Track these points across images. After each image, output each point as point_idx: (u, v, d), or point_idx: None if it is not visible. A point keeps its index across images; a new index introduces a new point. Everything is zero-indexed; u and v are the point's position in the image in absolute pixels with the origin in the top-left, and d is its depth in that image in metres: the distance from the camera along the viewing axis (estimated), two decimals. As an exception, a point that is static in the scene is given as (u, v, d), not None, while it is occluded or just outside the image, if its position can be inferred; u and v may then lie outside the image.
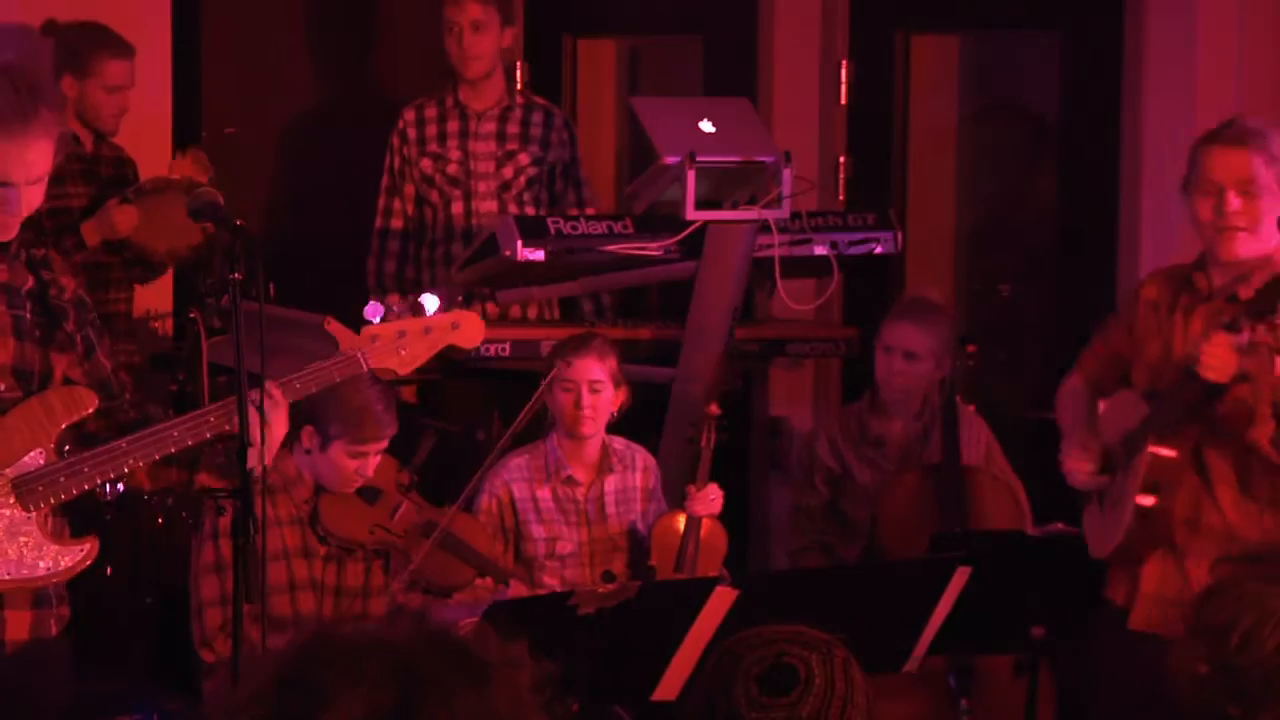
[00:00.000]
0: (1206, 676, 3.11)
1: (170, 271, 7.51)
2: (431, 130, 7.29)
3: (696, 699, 2.76)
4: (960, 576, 5.13)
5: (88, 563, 4.39)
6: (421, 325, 4.61)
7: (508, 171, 7.22)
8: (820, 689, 2.65)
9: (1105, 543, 5.11)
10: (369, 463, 5.60)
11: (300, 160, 8.27)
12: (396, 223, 7.34)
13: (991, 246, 7.70)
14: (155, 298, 7.60)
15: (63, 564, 4.35)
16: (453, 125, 7.26)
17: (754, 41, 7.75)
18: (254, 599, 4.61)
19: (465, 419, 6.78)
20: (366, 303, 5.39)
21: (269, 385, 4.42)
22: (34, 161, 4.27)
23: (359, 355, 4.58)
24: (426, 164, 7.26)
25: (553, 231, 6.43)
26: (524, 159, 7.24)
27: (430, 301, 4.63)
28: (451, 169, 7.23)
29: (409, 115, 7.32)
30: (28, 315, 4.41)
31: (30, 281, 4.45)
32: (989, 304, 7.56)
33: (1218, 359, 4.69)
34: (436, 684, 2.05)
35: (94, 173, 7.20)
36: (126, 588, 6.51)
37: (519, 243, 6.33)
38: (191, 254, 7.00)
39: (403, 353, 4.60)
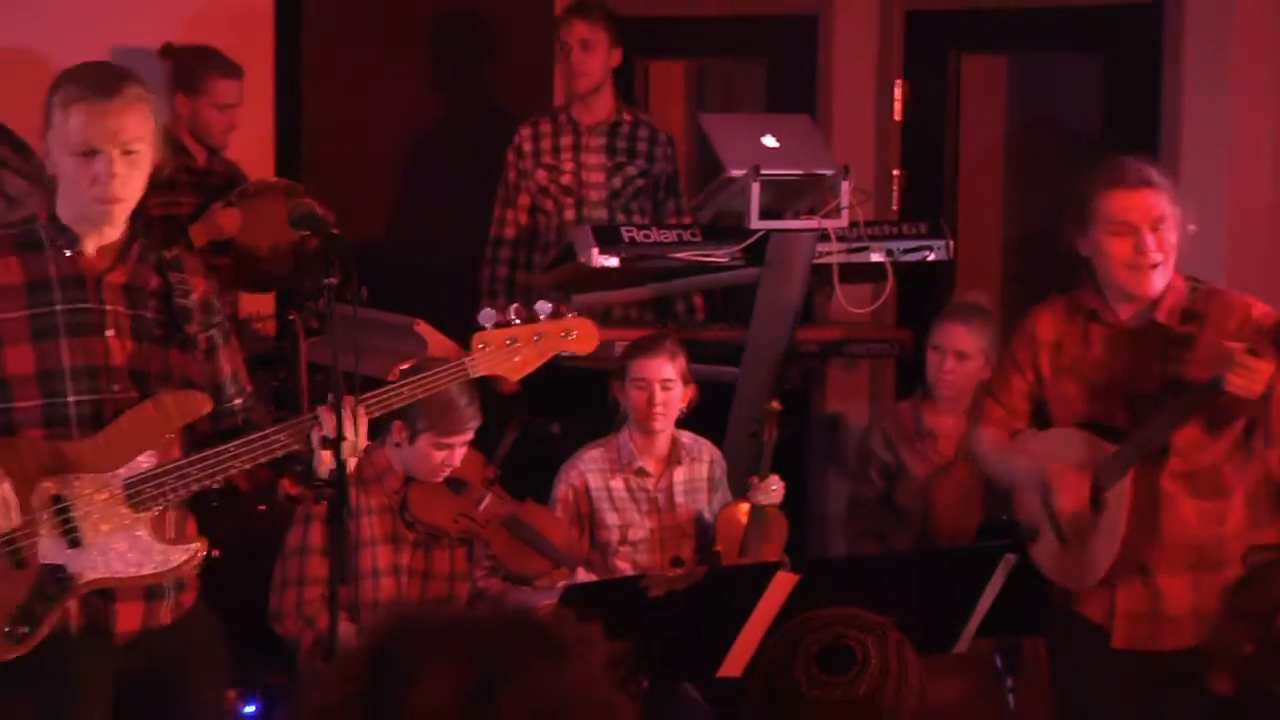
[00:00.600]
0: (1254, 656, 3.11)
1: (270, 274, 7.51)
2: (546, 144, 7.36)
3: (759, 676, 2.77)
4: (1006, 563, 5.07)
5: (194, 562, 4.32)
6: (533, 332, 4.50)
7: (616, 182, 7.30)
8: (876, 669, 2.64)
9: (1084, 574, 5.01)
10: (455, 454, 5.56)
11: (400, 172, 8.30)
12: (509, 231, 7.40)
13: (1035, 254, 7.61)
14: (259, 300, 7.61)
15: (171, 562, 4.29)
16: (566, 139, 7.34)
17: (814, 63, 7.77)
18: (347, 581, 4.59)
19: (544, 414, 6.69)
20: (478, 307, 5.54)
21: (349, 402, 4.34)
22: (118, 129, 4.16)
23: (466, 363, 4.48)
24: (542, 175, 7.35)
25: (626, 240, 6.43)
26: (631, 171, 7.32)
27: (543, 308, 4.54)
28: (565, 179, 7.32)
29: (525, 131, 7.40)
30: (149, 315, 4.33)
31: (155, 281, 4.37)
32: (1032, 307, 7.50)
33: (1251, 378, 4.63)
34: (516, 662, 2.05)
35: (204, 184, 7.22)
36: (234, 570, 6.55)
37: (595, 250, 6.36)
38: (293, 253, 6.97)
39: (515, 359, 4.48)
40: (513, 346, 4.46)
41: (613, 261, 6.35)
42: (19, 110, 7.14)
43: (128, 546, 4.26)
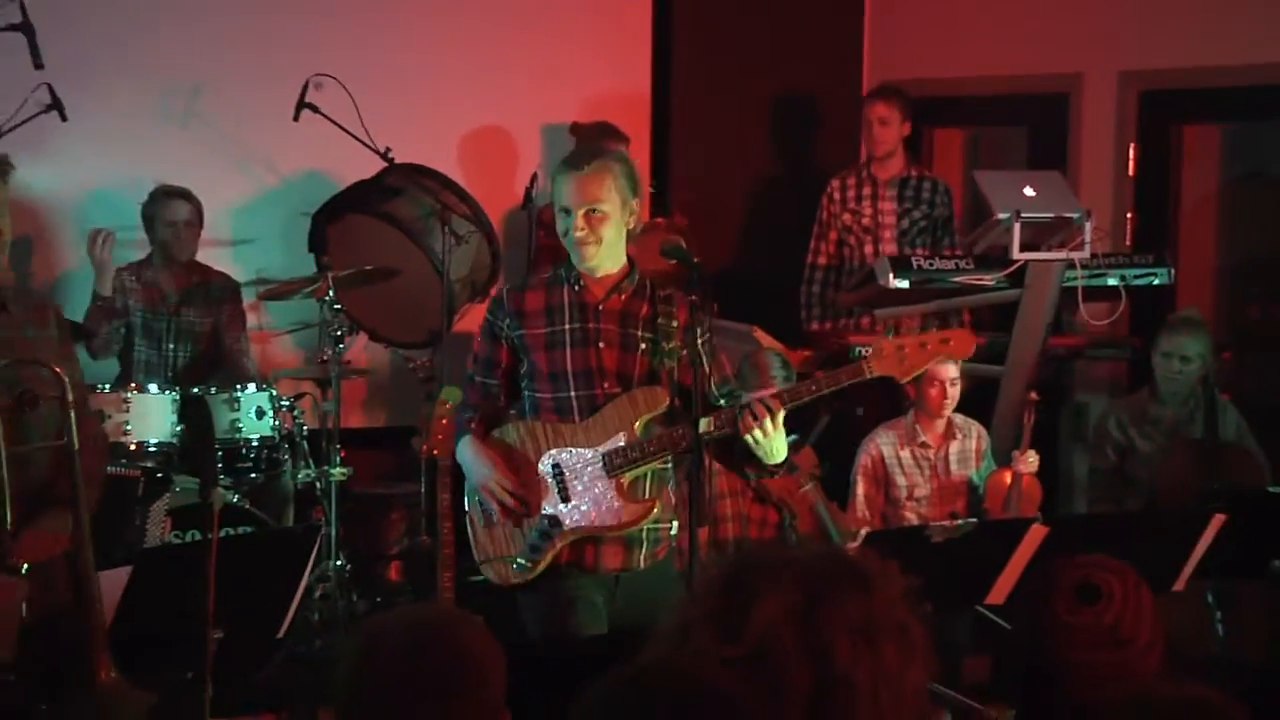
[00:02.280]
0: None
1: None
2: (851, 193, 7.39)
3: (1022, 607, 2.70)
4: (1216, 522, 4.92)
5: (645, 518, 4.33)
6: (919, 340, 4.39)
7: (905, 224, 7.29)
8: (1119, 602, 2.55)
9: None
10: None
11: (743, 213, 8.33)
12: (821, 259, 7.44)
13: (1242, 280, 7.42)
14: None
15: (625, 517, 4.30)
16: (866, 190, 7.36)
17: (1065, 130, 7.65)
18: (704, 524, 4.59)
19: (849, 401, 6.67)
20: (797, 316, 5.52)
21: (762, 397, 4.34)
22: (584, 193, 4.24)
23: (863, 366, 4.41)
24: (847, 218, 7.37)
25: (915, 267, 6.45)
26: (916, 215, 7.31)
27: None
28: (865, 221, 7.34)
29: (835, 183, 7.45)
30: (637, 334, 4.37)
31: (646, 309, 4.42)
32: (1241, 322, 7.31)
33: None
34: (834, 589, 2.04)
35: None
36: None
37: (891, 275, 6.38)
38: (663, 278, 7.07)
39: (905, 363, 4.37)
40: (902, 352, 4.36)
41: (904, 284, 6.35)
42: (482, 169, 7.36)
43: (599, 503, 4.30)
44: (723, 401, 4.42)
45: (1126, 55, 7.31)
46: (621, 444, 4.26)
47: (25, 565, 3.57)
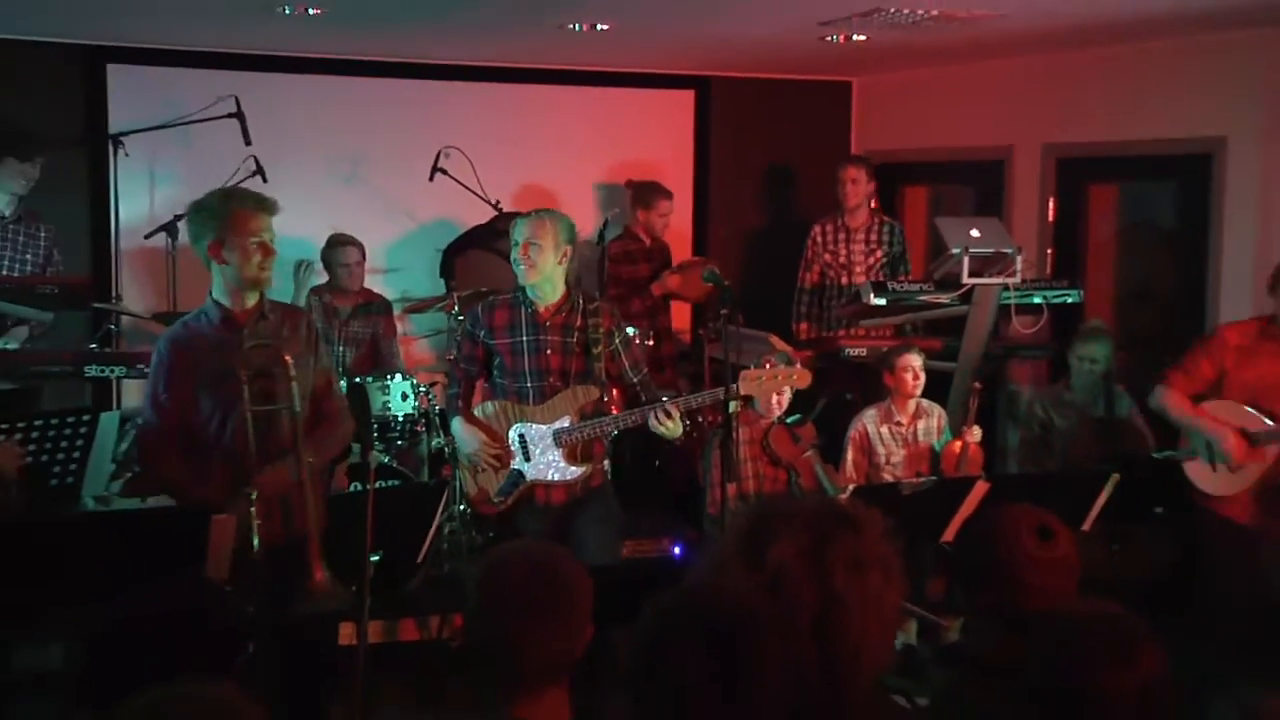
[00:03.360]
0: None
1: (690, 307, 7.64)
2: (829, 237, 7.26)
3: (988, 546, 2.61)
4: (1113, 480, 4.90)
5: (583, 474, 4.55)
6: (772, 373, 4.80)
7: (870, 261, 7.18)
8: (1067, 539, 2.55)
9: (1229, 487, 4.85)
10: (783, 399, 5.62)
11: (757, 251, 8.27)
12: (807, 284, 7.31)
13: (1132, 300, 7.36)
14: (681, 320, 7.69)
15: (570, 474, 4.55)
16: (841, 236, 7.24)
17: (1002, 188, 7.56)
18: (732, 481, 4.62)
19: (843, 387, 6.65)
20: (788, 327, 5.52)
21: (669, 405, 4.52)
22: (526, 231, 4.49)
23: (734, 388, 4.62)
24: (827, 256, 7.25)
25: (890, 289, 6.36)
26: (879, 254, 7.19)
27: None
28: (841, 260, 7.23)
29: (816, 229, 7.32)
30: (573, 340, 4.53)
31: (580, 321, 4.55)
32: (1132, 330, 7.23)
33: None
34: (831, 530, 2.03)
35: (652, 259, 7.27)
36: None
37: (872, 295, 6.31)
38: (706, 298, 7.06)
39: (762, 386, 4.80)
40: (760, 380, 4.74)
41: (882, 301, 6.28)
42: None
43: (552, 464, 4.54)
44: (635, 380, 4.63)
45: (1047, 132, 7.26)
46: (566, 425, 4.52)
47: (254, 493, 3.59)
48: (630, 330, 4.76)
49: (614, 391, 4.80)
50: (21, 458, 3.57)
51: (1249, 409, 4.82)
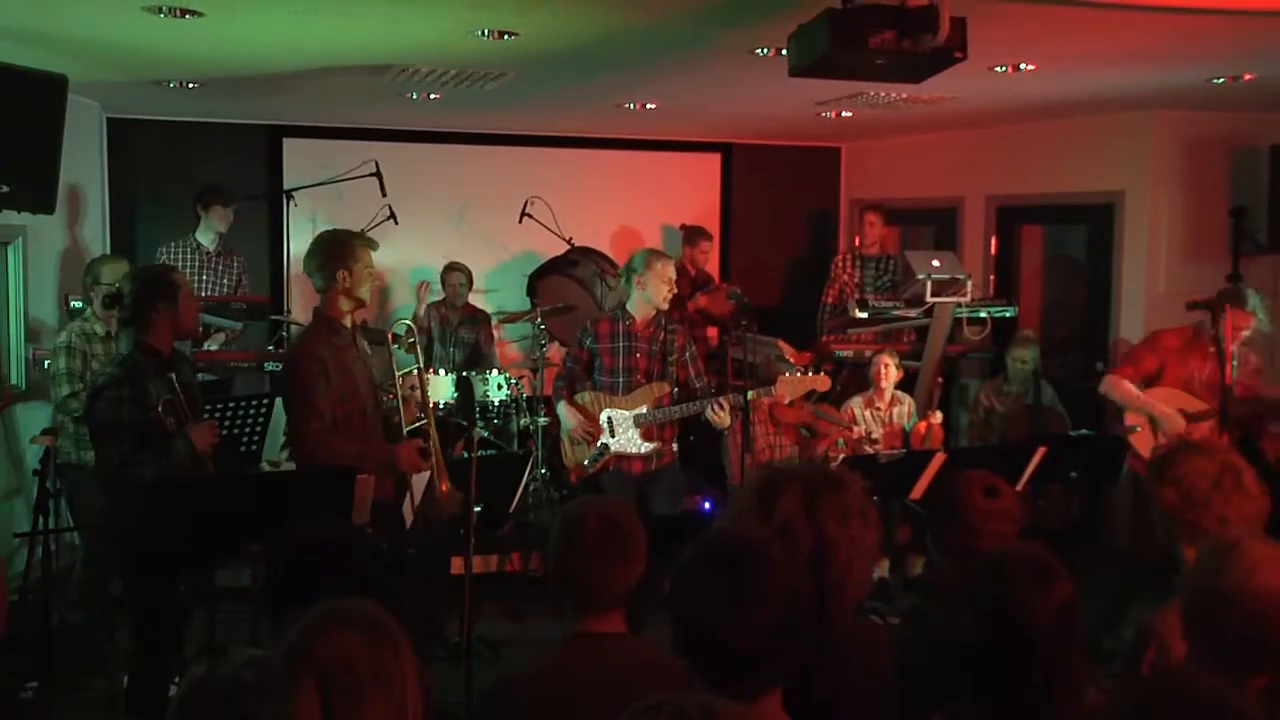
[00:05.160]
0: None
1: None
2: (848, 265, 7.13)
3: (945, 503, 2.52)
4: (1040, 451, 4.79)
5: (654, 450, 4.50)
6: (800, 380, 4.65)
7: (879, 284, 7.06)
8: (1010, 495, 2.47)
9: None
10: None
11: (779, 274, 8.14)
12: (829, 300, 7.11)
13: (1054, 314, 7.23)
14: (710, 331, 7.60)
15: (645, 449, 4.54)
16: (856, 265, 7.06)
17: (956, 229, 7.45)
18: (750, 451, 4.59)
19: (834, 383, 6.56)
20: (805, 334, 5.54)
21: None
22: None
23: (774, 387, 4.57)
24: (845, 278, 7.04)
25: (872, 304, 6.28)
26: (884, 280, 7.09)
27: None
28: (855, 284, 7.02)
29: (838, 258, 7.15)
30: (656, 348, 4.54)
31: (662, 336, 4.56)
32: (1053, 338, 7.10)
33: None
34: (823, 489, 2.00)
35: (694, 284, 7.03)
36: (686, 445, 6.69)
37: (857, 310, 6.25)
38: (729, 315, 7.00)
39: (795, 388, 4.70)
40: (792, 381, 4.63)
41: (865, 315, 6.22)
42: (624, 249, 7.30)
43: (631, 440, 4.54)
44: (698, 385, 4.59)
45: (990, 186, 7.20)
46: (644, 411, 4.50)
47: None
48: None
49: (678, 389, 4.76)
50: (216, 435, 3.62)
51: (1184, 394, 4.79)
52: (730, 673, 1.72)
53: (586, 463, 4.58)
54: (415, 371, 3.84)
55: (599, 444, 4.56)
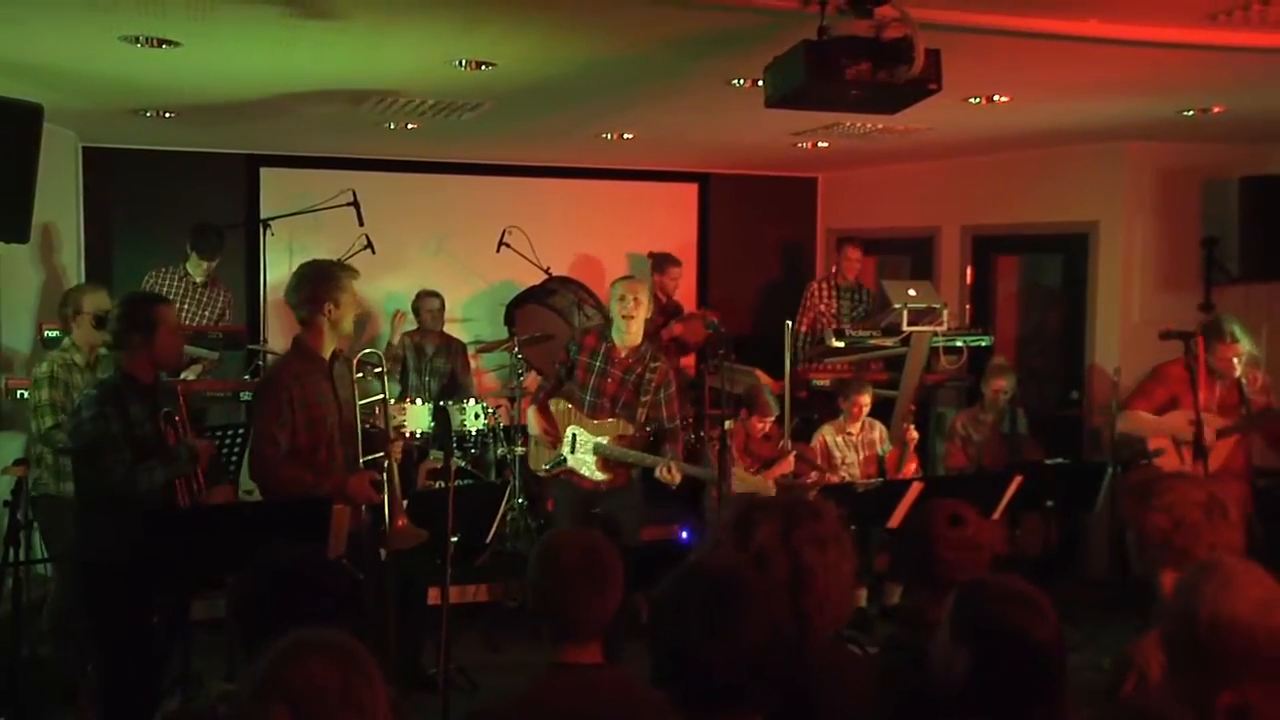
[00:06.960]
0: None
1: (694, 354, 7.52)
2: (824, 294, 7.12)
3: (913, 531, 2.54)
4: (1016, 480, 4.87)
5: (606, 480, 4.50)
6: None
7: (852, 315, 7.05)
8: (975, 524, 2.46)
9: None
10: (766, 425, 5.59)
11: (753, 303, 8.13)
12: (803, 329, 7.09)
13: (1028, 342, 7.29)
14: (686, 361, 7.55)
15: (598, 478, 4.53)
16: (831, 294, 7.09)
17: (932, 257, 7.48)
18: (724, 479, 4.58)
19: (811, 411, 6.54)
20: (780, 362, 5.52)
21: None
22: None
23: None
24: (821, 307, 7.10)
25: (848, 334, 6.28)
26: (859, 310, 7.11)
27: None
28: (831, 314, 7.07)
29: (813, 286, 7.14)
30: (631, 380, 4.54)
31: (640, 369, 4.54)
32: (1028, 366, 7.13)
33: None
34: (800, 518, 2.01)
35: (665, 312, 7.03)
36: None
37: (834, 339, 6.25)
38: (704, 342, 6.96)
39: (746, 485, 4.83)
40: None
41: (841, 344, 6.22)
42: (599, 277, 7.37)
43: (585, 463, 4.55)
44: (668, 426, 4.53)
45: (965, 216, 7.25)
46: (604, 442, 4.50)
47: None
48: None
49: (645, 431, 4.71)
50: (213, 452, 3.64)
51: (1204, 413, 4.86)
52: (711, 702, 1.71)
53: (546, 466, 4.62)
54: (381, 400, 3.77)
55: (557, 453, 4.58)
